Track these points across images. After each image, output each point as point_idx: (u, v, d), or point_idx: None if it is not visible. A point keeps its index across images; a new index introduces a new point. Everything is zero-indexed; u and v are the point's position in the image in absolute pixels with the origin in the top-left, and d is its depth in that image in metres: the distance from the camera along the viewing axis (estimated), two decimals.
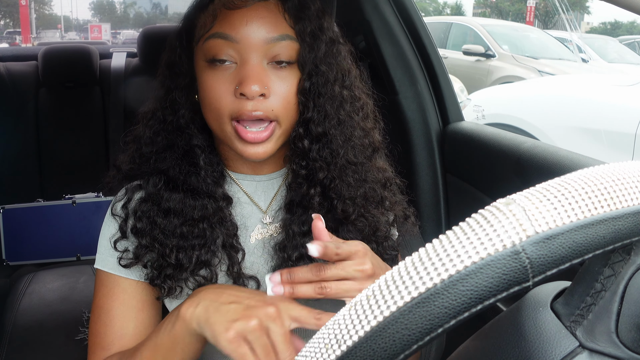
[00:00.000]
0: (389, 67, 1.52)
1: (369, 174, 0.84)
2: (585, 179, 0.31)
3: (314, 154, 0.80)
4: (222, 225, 0.80)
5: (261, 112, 0.74)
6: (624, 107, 3.37)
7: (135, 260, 0.79)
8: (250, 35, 0.74)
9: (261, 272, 0.82)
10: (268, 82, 0.75)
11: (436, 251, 0.29)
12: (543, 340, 0.34)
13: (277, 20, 0.76)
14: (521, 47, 7.82)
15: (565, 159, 1.07)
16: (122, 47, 2.67)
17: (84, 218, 1.88)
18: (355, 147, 0.82)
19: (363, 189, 0.82)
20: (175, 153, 0.81)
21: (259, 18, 0.75)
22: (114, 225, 0.82)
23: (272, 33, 0.75)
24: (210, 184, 0.81)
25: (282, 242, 0.82)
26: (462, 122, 1.52)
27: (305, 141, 0.79)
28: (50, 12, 50.04)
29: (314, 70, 0.78)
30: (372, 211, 0.83)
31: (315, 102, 0.78)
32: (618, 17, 43.63)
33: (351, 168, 0.81)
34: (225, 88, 0.75)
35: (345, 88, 0.82)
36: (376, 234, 0.84)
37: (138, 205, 0.81)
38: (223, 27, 0.75)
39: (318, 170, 0.80)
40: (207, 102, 0.77)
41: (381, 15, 1.51)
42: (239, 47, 0.74)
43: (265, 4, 0.76)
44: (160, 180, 0.80)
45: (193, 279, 0.79)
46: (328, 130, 0.80)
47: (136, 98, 2.13)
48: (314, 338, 0.32)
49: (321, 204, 0.81)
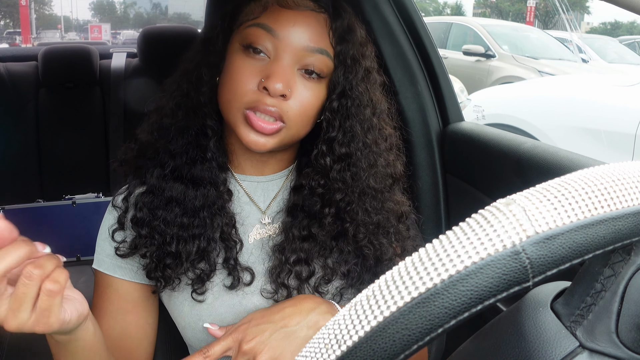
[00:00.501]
0: (389, 67, 1.52)
1: (386, 204, 0.83)
2: (585, 179, 0.31)
3: (334, 174, 0.80)
4: (222, 215, 0.80)
5: (276, 108, 0.74)
6: (624, 108, 3.37)
7: (133, 251, 0.79)
8: (292, 37, 0.75)
9: (258, 270, 0.83)
10: (293, 85, 0.75)
11: (436, 251, 0.29)
12: (543, 341, 0.34)
13: (322, 34, 0.77)
14: (521, 48, 7.83)
15: (565, 159, 1.07)
16: (122, 47, 2.68)
17: (83, 218, 1.88)
18: (378, 174, 0.82)
19: (378, 218, 0.82)
20: (187, 137, 0.80)
21: (306, 25, 0.76)
22: (113, 217, 0.83)
23: (313, 43, 0.76)
24: (215, 169, 0.81)
25: (282, 244, 0.82)
26: (462, 123, 1.52)
27: (327, 159, 0.79)
28: (50, 13, 50.07)
29: (349, 91, 0.78)
30: (381, 240, 0.83)
31: (342, 122, 0.79)
32: (618, 17, 43.66)
33: (370, 194, 0.81)
34: (252, 77, 0.75)
35: (375, 115, 0.82)
36: (378, 261, 0.83)
37: (139, 197, 0.81)
38: (270, 20, 0.75)
39: (336, 191, 0.80)
40: (229, 84, 0.76)
41: (381, 16, 1.51)
42: (278, 43, 0.75)
43: (316, 15, 0.77)
44: (164, 168, 0.80)
45: (192, 271, 0.79)
46: (354, 152, 0.80)
47: (136, 98, 2.13)
48: (314, 338, 0.32)
49: (332, 225, 0.81)
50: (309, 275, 0.81)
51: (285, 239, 0.82)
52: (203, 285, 0.79)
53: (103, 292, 0.83)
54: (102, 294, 0.83)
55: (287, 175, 0.87)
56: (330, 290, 0.83)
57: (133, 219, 0.80)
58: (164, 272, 0.78)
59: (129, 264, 0.82)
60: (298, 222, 0.81)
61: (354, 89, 0.79)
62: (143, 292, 0.84)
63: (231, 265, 0.80)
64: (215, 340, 0.74)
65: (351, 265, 0.83)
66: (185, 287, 0.80)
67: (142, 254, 0.79)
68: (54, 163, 2.19)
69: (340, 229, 0.81)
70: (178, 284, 0.80)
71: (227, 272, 0.80)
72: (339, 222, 0.81)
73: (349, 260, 0.83)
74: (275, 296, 0.80)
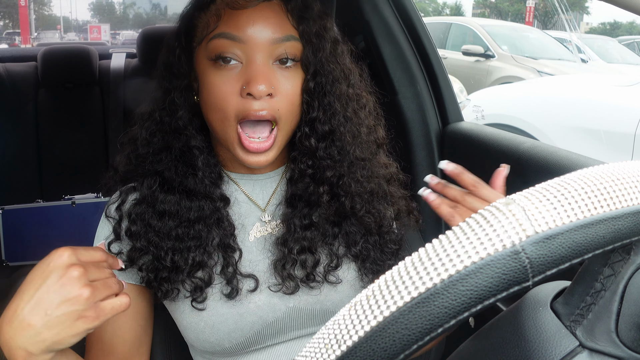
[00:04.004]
0: (388, 67, 1.52)
1: (374, 170, 0.85)
2: (585, 179, 0.31)
3: (321, 153, 0.80)
4: (218, 226, 0.80)
5: (267, 111, 0.74)
6: (624, 107, 3.37)
7: (130, 263, 0.79)
8: (257, 36, 0.75)
9: (260, 268, 0.82)
10: (274, 82, 0.75)
11: (436, 251, 0.29)
12: (543, 340, 0.34)
13: (282, 21, 0.76)
14: (520, 48, 7.83)
15: (564, 159, 1.07)
16: (122, 47, 2.67)
17: (83, 219, 1.88)
18: (363, 143, 0.83)
19: (370, 185, 0.83)
20: (172, 154, 0.80)
21: (264, 19, 0.75)
22: (108, 227, 0.82)
23: (277, 34, 0.75)
24: (207, 184, 0.80)
25: (284, 236, 0.82)
26: (462, 123, 1.52)
27: (312, 139, 0.80)
28: (49, 13, 50.03)
29: (320, 69, 0.78)
30: (377, 206, 0.84)
31: (321, 101, 0.79)
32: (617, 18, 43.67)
33: (359, 164, 0.82)
34: (231, 88, 0.75)
35: (350, 86, 0.83)
36: (380, 229, 0.85)
37: (132, 207, 0.81)
38: (229, 27, 0.75)
39: (325, 169, 0.80)
40: (211, 103, 0.76)
41: (381, 16, 1.51)
42: (245, 47, 0.75)
43: (269, 5, 0.76)
44: (155, 181, 0.80)
45: (190, 280, 0.78)
46: (337, 127, 0.80)
47: (135, 99, 2.12)
48: (314, 338, 0.32)
49: (329, 202, 0.81)
50: (315, 264, 0.81)
51: (287, 230, 0.82)
52: (202, 294, 0.78)
53: None
54: None
55: (285, 170, 0.87)
56: (347, 277, 0.83)
57: (127, 232, 0.80)
58: (161, 284, 0.78)
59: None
60: (298, 211, 0.81)
61: (325, 65, 0.79)
62: (137, 295, 0.83)
63: (229, 273, 0.79)
64: None
65: (360, 244, 0.83)
66: (185, 296, 0.80)
67: (138, 267, 0.79)
68: (54, 163, 2.19)
69: (338, 205, 0.81)
70: (177, 294, 0.79)
71: (225, 280, 0.80)
72: (335, 199, 0.81)
73: (357, 240, 0.83)
74: (283, 288, 0.80)
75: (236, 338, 0.79)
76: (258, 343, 0.81)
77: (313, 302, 0.82)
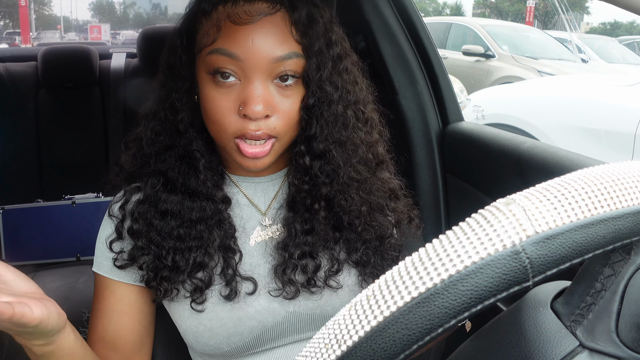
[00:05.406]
0: (388, 67, 1.52)
1: (374, 187, 0.83)
2: (585, 179, 0.31)
3: (315, 171, 0.79)
4: (220, 228, 0.80)
5: (263, 131, 0.73)
6: (624, 107, 3.37)
7: (131, 262, 0.79)
8: (256, 54, 0.71)
9: (260, 272, 0.82)
10: (272, 102, 0.73)
11: (436, 251, 0.29)
12: (543, 340, 0.34)
13: (284, 36, 0.73)
14: (521, 48, 7.83)
15: (565, 159, 1.07)
16: (122, 47, 2.67)
17: (83, 218, 1.88)
18: (359, 163, 0.81)
19: (369, 202, 0.82)
20: (176, 154, 0.80)
21: (265, 36, 0.72)
22: (110, 226, 0.82)
23: (278, 52, 0.72)
24: (209, 187, 0.80)
25: (284, 240, 0.81)
26: (462, 123, 1.52)
27: (306, 158, 0.78)
28: (49, 13, 50.04)
29: (321, 87, 0.76)
30: (378, 219, 0.83)
31: (318, 119, 0.77)
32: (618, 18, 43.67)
33: (354, 185, 0.80)
34: (229, 107, 0.73)
35: (349, 107, 0.80)
36: (381, 239, 0.84)
37: (135, 206, 0.81)
38: (227, 43, 0.72)
39: (321, 186, 0.79)
40: (210, 116, 0.75)
41: (381, 16, 1.51)
42: (243, 65, 0.72)
43: (271, 18, 0.73)
44: (158, 181, 0.80)
45: (190, 281, 0.78)
46: (330, 149, 0.78)
47: (136, 98, 2.12)
48: (314, 338, 0.32)
49: (327, 218, 0.81)
50: (316, 269, 0.80)
51: (288, 235, 0.81)
52: (202, 295, 0.78)
53: (100, 293, 0.83)
54: (99, 295, 0.83)
55: (287, 173, 0.87)
56: (347, 282, 0.83)
57: (129, 230, 0.80)
58: (161, 283, 0.78)
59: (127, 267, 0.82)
60: (299, 216, 0.81)
61: (326, 83, 0.76)
62: (139, 295, 0.83)
63: (229, 275, 0.79)
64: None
65: (361, 251, 0.83)
66: (184, 297, 0.80)
67: (139, 265, 0.79)
68: (54, 163, 2.19)
69: (335, 219, 0.81)
70: (176, 294, 0.79)
71: (225, 282, 0.80)
72: (332, 214, 0.81)
73: (358, 248, 0.83)
74: (283, 293, 0.80)
75: (235, 342, 0.79)
76: (257, 347, 0.81)
77: (313, 307, 0.82)
